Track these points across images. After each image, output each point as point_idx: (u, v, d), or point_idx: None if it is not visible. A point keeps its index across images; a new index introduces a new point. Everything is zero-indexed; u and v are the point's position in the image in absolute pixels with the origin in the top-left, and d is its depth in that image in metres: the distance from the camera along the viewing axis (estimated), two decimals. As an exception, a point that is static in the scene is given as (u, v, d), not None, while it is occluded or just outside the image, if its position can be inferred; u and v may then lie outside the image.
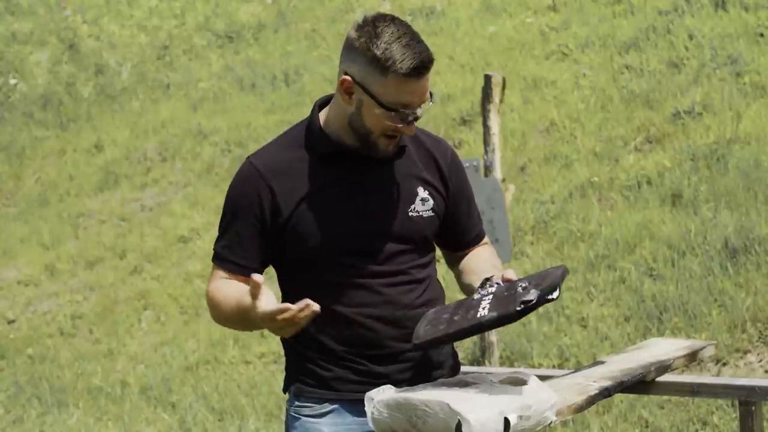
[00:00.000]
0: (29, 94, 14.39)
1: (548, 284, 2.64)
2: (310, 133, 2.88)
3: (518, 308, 2.60)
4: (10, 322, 9.80)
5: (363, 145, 2.82)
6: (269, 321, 2.61)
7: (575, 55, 10.80)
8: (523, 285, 2.67)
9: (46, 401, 8.09)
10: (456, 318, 2.69)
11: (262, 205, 2.82)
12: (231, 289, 2.81)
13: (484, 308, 2.67)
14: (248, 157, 2.90)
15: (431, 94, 2.81)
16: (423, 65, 2.74)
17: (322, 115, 2.90)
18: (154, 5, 15.72)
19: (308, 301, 2.59)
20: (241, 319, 2.76)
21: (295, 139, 2.89)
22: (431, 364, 2.91)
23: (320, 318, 2.80)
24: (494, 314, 2.64)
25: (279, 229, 2.82)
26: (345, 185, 2.84)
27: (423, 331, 2.71)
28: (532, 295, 2.61)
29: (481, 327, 2.67)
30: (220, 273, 2.88)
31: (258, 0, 15.32)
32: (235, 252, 2.84)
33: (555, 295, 2.62)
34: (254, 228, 2.83)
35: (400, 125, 2.77)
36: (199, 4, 15.59)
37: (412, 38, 2.75)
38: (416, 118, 2.78)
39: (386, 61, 2.72)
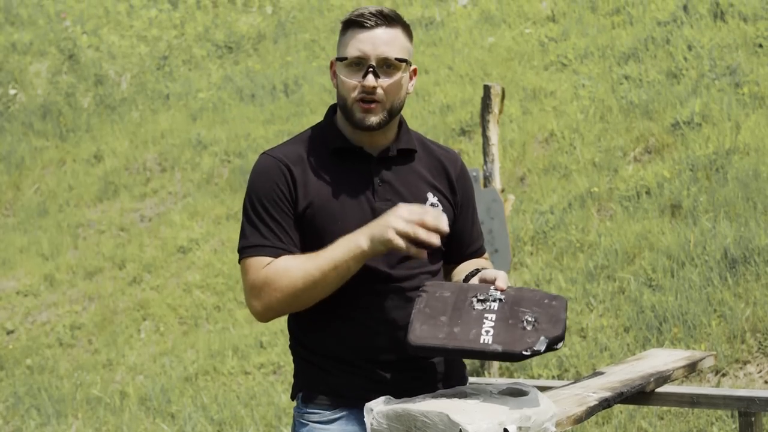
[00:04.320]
0: (29, 104, 14.40)
1: (555, 334, 2.63)
2: (323, 130, 2.93)
3: (524, 352, 2.61)
4: (9, 332, 9.79)
5: (349, 122, 2.85)
6: (407, 219, 2.64)
7: (574, 65, 10.82)
8: (529, 318, 2.66)
9: (45, 412, 8.08)
10: (456, 330, 2.66)
11: (290, 191, 2.83)
12: (301, 256, 2.77)
13: (487, 332, 2.65)
14: (264, 152, 2.91)
15: (407, 62, 2.84)
16: (369, 13, 2.80)
17: (336, 115, 2.95)
18: (153, 16, 15.74)
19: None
20: (333, 270, 2.71)
21: (310, 138, 2.93)
22: (441, 374, 2.91)
23: (332, 322, 2.83)
24: (498, 348, 2.62)
25: (296, 219, 2.84)
26: (356, 184, 2.86)
27: (420, 330, 2.67)
28: (541, 345, 2.61)
29: (484, 355, 2.65)
30: (265, 260, 2.79)
31: (257, 11, 15.34)
32: (279, 237, 2.81)
33: (559, 346, 2.65)
34: (289, 215, 2.82)
35: (361, 80, 2.80)
36: (198, 14, 15.61)
37: (377, 6, 2.84)
38: (373, 71, 2.79)
39: (344, 20, 2.84)
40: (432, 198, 2.92)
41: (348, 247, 2.70)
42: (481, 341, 2.63)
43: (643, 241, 7.62)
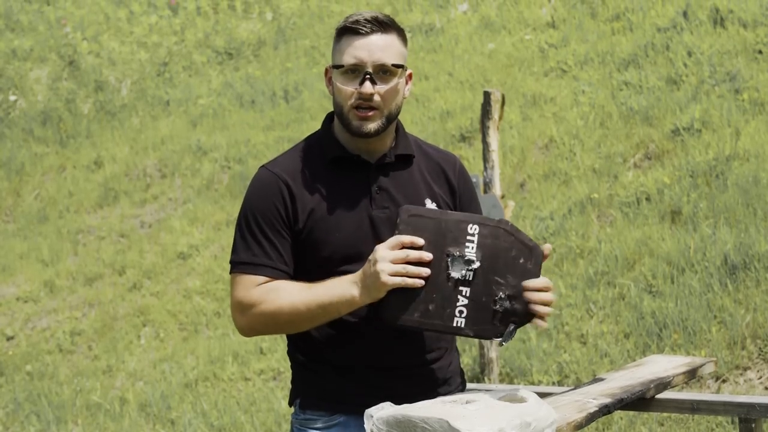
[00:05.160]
0: (29, 110, 14.41)
1: (527, 319, 2.69)
2: (320, 140, 2.93)
3: (495, 338, 2.70)
4: (9, 338, 9.79)
5: (346, 129, 2.84)
6: (390, 255, 2.62)
7: (574, 71, 10.82)
8: (502, 295, 2.69)
9: (45, 418, 8.08)
10: (431, 308, 2.68)
11: (287, 209, 2.83)
12: (296, 285, 2.77)
13: (461, 313, 2.68)
14: (263, 166, 2.91)
15: (403, 67, 2.83)
16: (365, 20, 2.79)
17: (334, 124, 2.94)
18: (153, 22, 15.75)
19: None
20: (320, 309, 2.72)
21: (307, 148, 2.93)
22: (437, 381, 2.91)
23: (327, 329, 2.82)
24: (471, 333, 2.70)
25: (295, 235, 2.84)
26: (354, 193, 2.86)
27: (396, 307, 2.68)
28: (509, 336, 2.69)
29: (457, 335, 2.73)
30: (257, 279, 2.80)
31: (258, 17, 15.36)
32: (272, 257, 2.80)
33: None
34: (283, 233, 2.82)
35: (358, 88, 2.79)
36: (198, 21, 15.63)
37: (372, 12, 2.83)
38: (370, 78, 2.79)
39: (339, 26, 2.83)
40: (430, 204, 2.91)
41: (342, 294, 2.70)
42: (455, 324, 2.69)
43: (643, 247, 7.62)
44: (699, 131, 8.83)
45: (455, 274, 2.70)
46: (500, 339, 2.69)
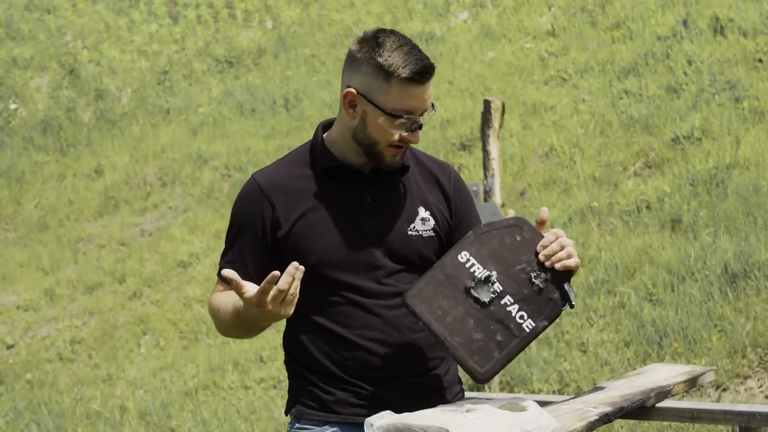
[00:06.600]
0: (29, 119, 14.41)
1: (565, 276, 2.71)
2: (313, 150, 2.93)
3: (564, 308, 2.72)
4: (9, 347, 9.78)
5: (369, 158, 2.85)
6: (261, 305, 2.61)
7: (574, 80, 10.83)
8: (533, 275, 2.72)
9: (45, 426, 8.07)
10: (500, 339, 2.71)
11: (263, 219, 2.85)
12: (225, 296, 2.84)
13: (523, 318, 2.71)
14: (253, 174, 2.94)
15: (433, 105, 2.84)
16: (425, 70, 2.77)
17: (327, 135, 2.94)
18: (154, 30, 15.77)
19: (295, 264, 2.59)
20: (241, 321, 2.77)
21: (299, 157, 2.94)
22: (433, 390, 2.91)
23: (322, 339, 2.84)
24: (546, 323, 2.73)
25: (278, 244, 2.85)
26: (345, 202, 2.87)
27: (488, 366, 2.71)
28: (570, 294, 2.71)
29: (536, 337, 2.74)
30: (219, 287, 2.92)
31: (258, 25, 15.37)
32: (236, 267, 2.83)
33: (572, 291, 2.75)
34: (255, 243, 2.86)
35: (405, 133, 2.80)
36: (199, 29, 15.64)
37: (412, 47, 2.80)
38: (419, 126, 2.82)
39: (389, 67, 2.76)
40: (423, 213, 2.92)
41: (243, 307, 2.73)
42: (528, 330, 2.72)
43: (644, 255, 7.62)
44: (699, 140, 8.83)
45: (486, 297, 2.73)
46: (567, 303, 2.71)
